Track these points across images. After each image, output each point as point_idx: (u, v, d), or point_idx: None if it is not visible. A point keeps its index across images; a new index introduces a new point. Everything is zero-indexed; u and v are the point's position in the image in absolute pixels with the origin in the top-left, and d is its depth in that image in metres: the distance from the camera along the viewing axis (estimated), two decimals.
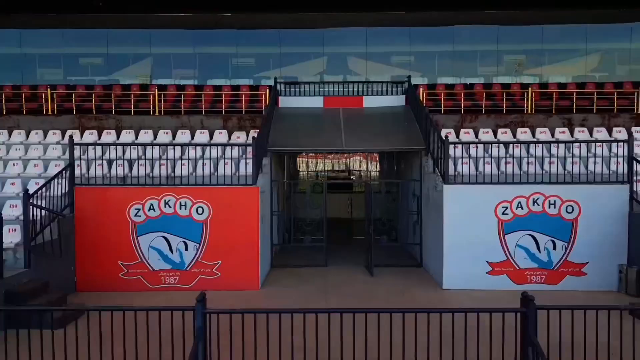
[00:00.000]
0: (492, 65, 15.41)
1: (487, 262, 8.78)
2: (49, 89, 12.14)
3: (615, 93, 12.04)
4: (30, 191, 7.64)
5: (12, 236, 7.64)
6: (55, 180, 8.28)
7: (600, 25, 14.85)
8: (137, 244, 8.77)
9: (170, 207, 8.75)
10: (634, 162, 8.66)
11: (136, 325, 4.95)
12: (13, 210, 8.57)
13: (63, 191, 8.52)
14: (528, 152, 10.20)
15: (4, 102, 12.17)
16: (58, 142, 11.07)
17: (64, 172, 8.63)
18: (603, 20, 14.59)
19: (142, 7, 13.63)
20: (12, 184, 9.37)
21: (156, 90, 12.43)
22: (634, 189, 8.63)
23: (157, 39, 15.78)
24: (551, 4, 13.98)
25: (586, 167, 9.42)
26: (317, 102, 13.09)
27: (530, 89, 12.30)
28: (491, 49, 15.26)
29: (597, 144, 9.82)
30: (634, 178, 8.63)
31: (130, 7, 13.60)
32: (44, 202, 7.91)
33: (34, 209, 7.53)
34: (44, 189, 7.96)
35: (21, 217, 7.88)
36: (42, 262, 7.61)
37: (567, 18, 14.55)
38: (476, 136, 11.27)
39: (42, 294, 7.21)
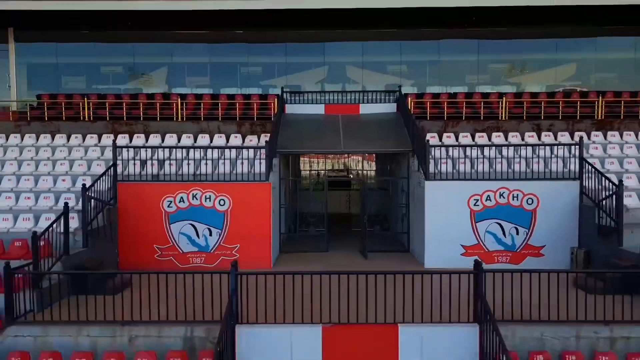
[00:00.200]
0: (474, 74, 17.11)
1: (462, 245, 10.49)
2: (85, 99, 13.85)
3: (579, 102, 13.76)
4: (79, 187, 9.37)
5: (72, 222, 9.33)
6: (103, 177, 9.99)
7: (569, 39, 16.57)
8: (169, 231, 10.48)
9: (197, 199, 10.47)
10: (584, 162, 10.36)
11: (179, 285, 6.77)
12: (68, 202, 10.27)
13: (108, 186, 10.23)
14: (501, 153, 11.88)
15: (45, 109, 13.89)
16: (96, 145, 12.79)
17: (109, 170, 10.34)
18: (571, 35, 16.31)
19: (165, 26, 15.35)
20: (63, 180, 11.09)
21: (178, 99, 14.15)
22: (584, 184, 10.32)
23: (174, 50, 17.49)
24: (525, 22, 15.69)
25: (549, 166, 11.06)
26: (319, 109, 14.81)
27: (504, 98, 13.99)
28: (473, 60, 16.95)
29: (559, 146, 11.49)
30: (584, 175, 10.33)
31: (155, 25, 15.30)
32: (93, 195, 9.62)
33: (90, 200, 9.24)
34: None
35: (76, 207, 9.59)
36: (95, 244, 9.31)
37: (540, 33, 16.25)
38: (457, 139, 12.97)
39: (100, 268, 8.93)
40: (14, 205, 10.36)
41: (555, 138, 12.86)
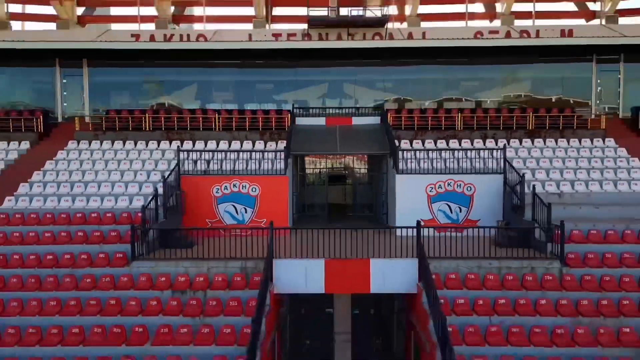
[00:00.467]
0: (444, 91, 21.46)
1: (422, 219, 14.87)
2: (146, 114, 18.35)
3: (515, 116, 18.22)
4: (155, 180, 13.84)
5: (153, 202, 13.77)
6: (172, 172, 14.44)
7: (514, 65, 21.03)
8: (217, 209, 14.90)
9: (236, 187, 14.90)
10: (506, 162, 14.78)
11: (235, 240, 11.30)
12: (148, 189, 14.74)
13: (175, 178, 14.66)
14: (453, 154, 16.26)
15: (116, 121, 18.37)
16: (157, 149, 17.26)
17: (175, 167, 14.78)
18: (515, 62, 20.79)
19: (204, 57, 19.86)
20: (140, 174, 15.55)
21: (215, 114, 18.64)
22: (507, 177, 14.73)
23: (205, 72, 21.89)
24: (481, 54, 20.16)
25: (487, 164, 15.43)
26: (321, 121, 19.25)
27: (460, 114, 18.43)
28: (443, 78, 21.32)
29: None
30: (507, 170, 14.74)
31: (194, 57, 19.80)
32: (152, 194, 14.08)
33: (168, 187, 13.70)
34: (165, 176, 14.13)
35: (155, 193, 14.03)
36: (171, 217, 13.76)
37: (491, 61, 20.66)
38: (423, 145, 17.40)
39: (174, 233, 13.41)
40: (111, 191, 14.85)
41: (496, 143, 17.29)
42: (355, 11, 21.89)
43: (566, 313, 10.16)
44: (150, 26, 23.44)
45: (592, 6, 25.55)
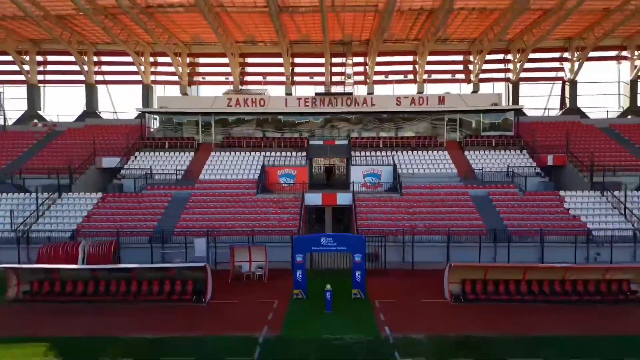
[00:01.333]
0: (378, 127, 43.33)
1: (361, 183, 36.85)
2: (244, 139, 40.40)
3: (408, 140, 40.14)
4: (254, 170, 36.01)
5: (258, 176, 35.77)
6: (262, 167, 36.57)
7: (411, 117, 42.91)
8: (279, 179, 36.99)
9: (288, 170, 37.02)
10: (394, 160, 36.82)
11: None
12: (251, 173, 36.80)
13: (262, 169, 36.74)
14: (376, 158, 38.19)
15: (230, 143, 40.36)
16: (253, 157, 39.29)
17: (262, 166, 36.90)
18: (412, 115, 42.68)
19: (262, 113, 42.04)
20: (246, 167, 37.69)
21: (273, 139, 40.75)
22: (394, 166, 36.68)
23: (263, 116, 44.06)
24: (396, 111, 42.15)
25: (394, 163, 37.33)
26: (320, 142, 41.32)
27: (388, 140, 40.33)
28: (378, 122, 43.29)
29: (392, 156, 37.89)
30: (395, 164, 36.71)
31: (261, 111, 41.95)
32: (258, 174, 36.13)
33: (264, 172, 35.82)
34: (260, 170, 36.22)
35: (261, 171, 36.19)
36: (261, 182, 35.83)
37: (402, 114, 42.58)
38: (365, 153, 39.36)
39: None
40: (235, 172, 37.01)
41: (396, 153, 39.25)
42: (340, 87, 44.30)
43: (402, 214, 32.14)
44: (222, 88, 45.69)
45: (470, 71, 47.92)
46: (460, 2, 37.41)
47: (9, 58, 46.28)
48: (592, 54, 46.72)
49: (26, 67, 47.07)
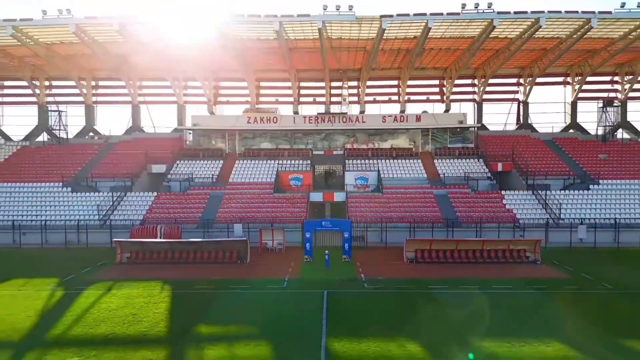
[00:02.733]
0: (368, 140, 53.29)
1: (353, 185, 46.80)
2: (262, 151, 50.40)
3: (390, 150, 50.04)
4: (270, 174, 46.10)
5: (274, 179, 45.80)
6: (277, 173, 46.60)
7: (395, 131, 52.84)
8: (290, 183, 47.02)
9: (296, 175, 47.04)
10: (377, 167, 46.84)
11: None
12: (268, 176, 46.83)
13: (277, 174, 46.77)
14: (365, 165, 48.15)
15: (251, 153, 50.34)
16: (268, 164, 49.29)
17: (277, 171, 46.94)
18: (395, 130, 52.60)
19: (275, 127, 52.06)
20: (264, 171, 47.73)
21: (284, 150, 50.78)
22: (379, 172, 46.67)
23: (276, 131, 54.07)
24: (381, 127, 52.13)
25: (378, 169, 47.27)
26: (322, 152, 51.36)
27: (373, 150, 50.27)
28: (368, 136, 53.23)
29: (376, 163, 47.89)
30: (379, 170, 46.70)
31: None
32: (274, 178, 46.15)
33: (278, 175, 45.87)
34: (275, 175, 46.24)
35: (276, 176, 46.24)
36: (276, 184, 45.87)
37: (387, 129, 52.50)
38: (357, 161, 49.33)
39: None
40: (256, 175, 47.08)
41: (379, 161, 49.25)
42: (338, 106, 54.42)
43: (382, 209, 42.11)
44: (241, 106, 55.75)
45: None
46: (430, 44, 47.39)
47: (72, 83, 56.39)
48: (541, 79, 56.73)
49: (84, 91, 57.15)
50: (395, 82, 59.45)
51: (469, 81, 59.13)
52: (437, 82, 59.52)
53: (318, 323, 17.83)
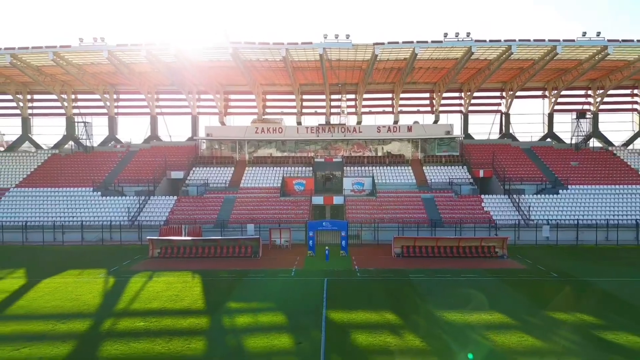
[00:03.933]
0: (365, 148, 58.44)
1: (351, 190, 52.02)
2: (269, 159, 55.57)
3: (383, 158, 55.17)
4: (276, 179, 51.32)
5: (280, 184, 51.00)
6: (282, 178, 51.77)
7: (388, 140, 57.99)
8: (294, 187, 52.22)
9: (300, 180, 52.24)
10: (372, 172, 52.00)
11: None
12: (274, 180, 52.04)
13: (284, 180, 51.96)
14: (365, 170, 53.30)
15: (258, 160, 55.51)
16: (275, 170, 54.46)
17: (282, 177, 52.13)
18: (390, 139, 57.76)
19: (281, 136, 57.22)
20: (270, 176, 52.91)
21: (290, 158, 55.93)
22: (373, 178, 51.83)
23: (282, 141, 59.24)
24: (376, 137, 57.31)
25: (373, 175, 52.41)
26: (322, 159, 56.53)
27: (367, 157, 55.42)
28: (364, 144, 58.39)
29: (371, 170, 53.06)
30: (373, 175, 51.87)
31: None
32: (280, 183, 51.30)
33: (284, 180, 51.03)
34: (281, 180, 51.41)
35: (282, 181, 51.46)
36: (283, 189, 51.09)
37: (381, 137, 57.67)
38: (354, 167, 54.49)
39: None
40: (263, 180, 52.29)
41: (374, 168, 54.44)
42: (336, 117, 59.64)
43: (376, 210, 47.32)
44: (249, 117, 60.95)
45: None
46: (418, 64, 52.64)
47: (96, 97, 61.68)
48: (521, 93, 61.98)
49: (107, 103, 62.43)
50: (389, 95, 64.71)
51: (456, 94, 64.36)
52: (427, 94, 64.78)
53: (320, 301, 23.03)
